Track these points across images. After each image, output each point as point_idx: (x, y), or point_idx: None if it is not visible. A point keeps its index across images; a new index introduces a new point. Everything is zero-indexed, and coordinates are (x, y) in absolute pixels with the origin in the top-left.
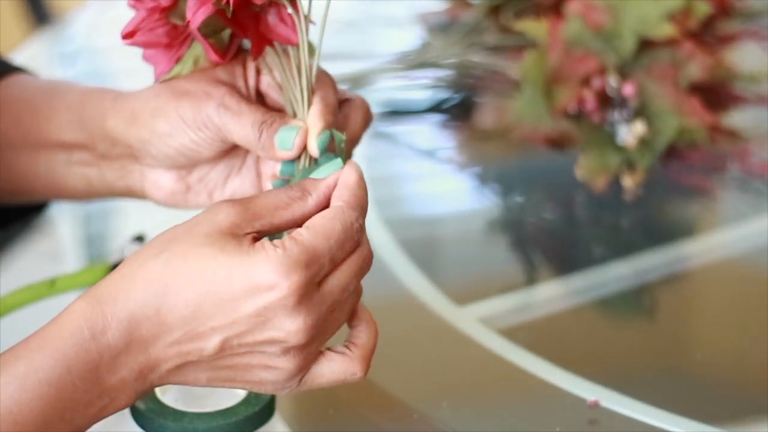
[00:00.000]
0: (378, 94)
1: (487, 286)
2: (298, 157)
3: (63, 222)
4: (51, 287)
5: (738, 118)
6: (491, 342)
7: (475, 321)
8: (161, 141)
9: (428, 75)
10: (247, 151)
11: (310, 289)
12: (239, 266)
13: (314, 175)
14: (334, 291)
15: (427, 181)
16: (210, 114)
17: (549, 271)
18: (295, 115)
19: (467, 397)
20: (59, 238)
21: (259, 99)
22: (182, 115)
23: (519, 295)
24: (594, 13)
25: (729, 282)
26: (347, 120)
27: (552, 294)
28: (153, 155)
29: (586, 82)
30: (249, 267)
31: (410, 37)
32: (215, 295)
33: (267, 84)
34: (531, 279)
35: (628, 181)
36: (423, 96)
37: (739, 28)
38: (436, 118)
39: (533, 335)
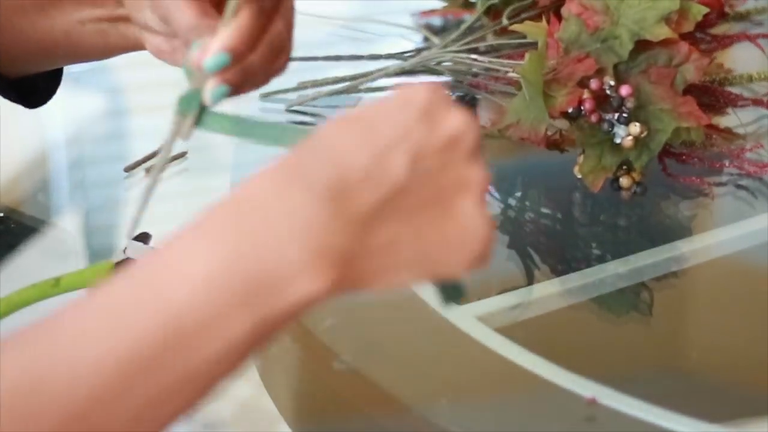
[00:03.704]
0: (377, 95)
1: (486, 284)
2: None
3: (65, 221)
4: (56, 286)
5: (734, 119)
6: (489, 340)
7: (473, 319)
8: (135, 11)
9: (427, 76)
10: None
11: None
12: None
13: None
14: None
15: None
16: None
17: (547, 270)
18: None
19: (466, 395)
20: (62, 238)
21: None
22: None
23: (517, 294)
24: (591, 14)
25: (725, 281)
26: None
27: (550, 292)
28: (135, 21)
29: (583, 83)
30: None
31: (409, 38)
32: (372, 122)
33: None
34: (529, 277)
35: (626, 181)
36: None
37: (734, 30)
38: None
39: (531, 333)
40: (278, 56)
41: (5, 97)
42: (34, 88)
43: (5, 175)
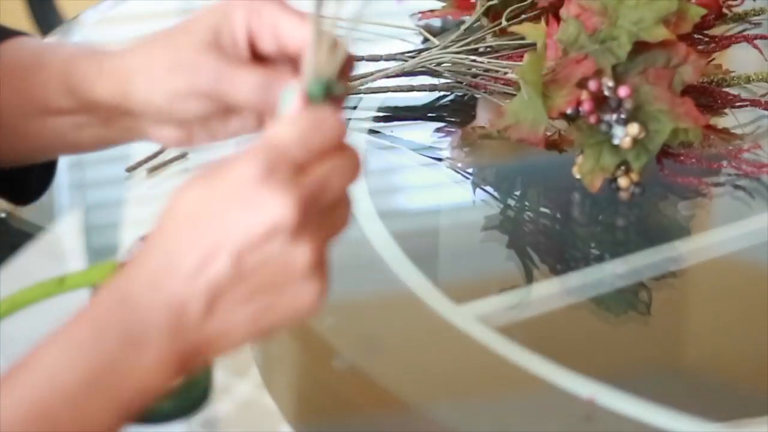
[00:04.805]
0: (377, 95)
1: (485, 284)
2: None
3: (65, 221)
4: (60, 285)
5: (732, 119)
6: (489, 340)
7: (473, 319)
8: (158, 111)
9: (427, 76)
10: None
11: (278, 169)
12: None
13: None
14: (315, 174)
15: (426, 180)
16: (206, 86)
17: (546, 270)
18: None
19: (465, 394)
20: (65, 237)
21: (251, 49)
22: (177, 90)
23: (517, 294)
24: (590, 16)
25: (724, 281)
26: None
27: (549, 292)
28: (148, 119)
29: (582, 84)
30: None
31: (409, 39)
32: (200, 218)
33: (257, 31)
34: (528, 277)
35: (624, 182)
36: (422, 96)
37: (732, 31)
38: (435, 119)
39: (530, 333)
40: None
41: None
42: (27, 182)
43: None
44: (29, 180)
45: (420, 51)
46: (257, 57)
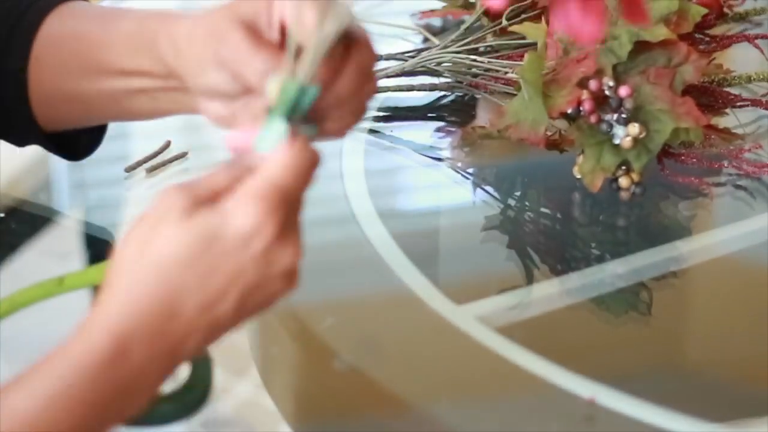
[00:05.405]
0: (377, 95)
1: (485, 284)
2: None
3: (65, 221)
4: (60, 285)
5: (733, 119)
6: (489, 340)
7: (473, 319)
8: (195, 76)
9: (427, 76)
10: None
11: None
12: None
13: (259, 138)
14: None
15: (426, 181)
16: (228, 57)
17: (546, 270)
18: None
19: (465, 395)
20: (65, 237)
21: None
22: (205, 56)
23: (517, 294)
24: None
25: (724, 280)
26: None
27: (549, 292)
28: (194, 88)
29: (583, 83)
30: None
31: (409, 39)
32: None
33: (290, 15)
34: (529, 277)
35: (625, 181)
36: (422, 96)
37: (733, 30)
38: (435, 119)
39: (531, 333)
40: (367, 81)
41: (47, 149)
42: (76, 142)
43: (6, 175)
44: (78, 140)
45: (420, 51)
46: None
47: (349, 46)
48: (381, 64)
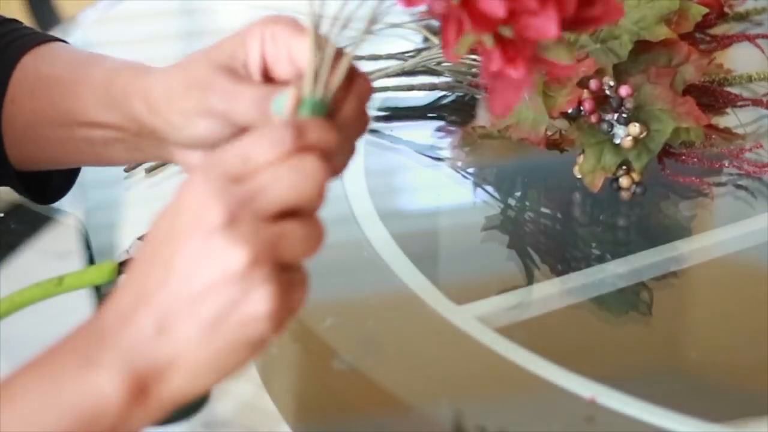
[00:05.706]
0: (377, 95)
1: (485, 284)
2: None
3: (65, 221)
4: (58, 285)
5: (733, 119)
6: (489, 340)
7: (473, 319)
8: (177, 131)
9: (427, 75)
10: None
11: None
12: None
13: None
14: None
15: (426, 181)
16: (216, 105)
17: (547, 270)
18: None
19: (465, 395)
20: (65, 237)
21: (267, 74)
22: (190, 108)
23: (517, 294)
24: None
25: (725, 281)
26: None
27: (550, 292)
28: (174, 141)
29: (583, 83)
30: None
31: (409, 38)
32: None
33: (273, 56)
34: (529, 277)
35: (625, 181)
36: (422, 96)
37: (734, 30)
38: (435, 118)
39: (531, 333)
40: (363, 114)
41: (17, 191)
42: (47, 184)
43: None
44: (50, 180)
45: (420, 50)
46: (276, 81)
47: (350, 77)
48: (381, 64)
